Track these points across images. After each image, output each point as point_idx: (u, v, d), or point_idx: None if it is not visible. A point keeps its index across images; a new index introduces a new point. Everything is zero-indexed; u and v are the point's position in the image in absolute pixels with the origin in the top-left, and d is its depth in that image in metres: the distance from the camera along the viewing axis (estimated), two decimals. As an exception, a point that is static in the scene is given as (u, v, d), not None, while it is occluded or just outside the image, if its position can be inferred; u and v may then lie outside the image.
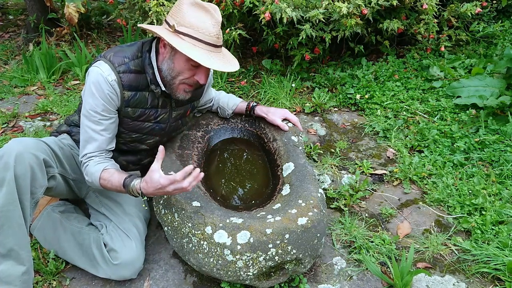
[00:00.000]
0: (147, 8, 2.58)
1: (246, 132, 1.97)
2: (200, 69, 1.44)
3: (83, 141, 1.49)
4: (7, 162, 1.28)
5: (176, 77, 1.46)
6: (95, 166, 1.46)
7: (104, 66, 1.43)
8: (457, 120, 2.36)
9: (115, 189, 1.44)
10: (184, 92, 1.50)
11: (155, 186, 1.31)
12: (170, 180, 1.28)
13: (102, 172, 1.45)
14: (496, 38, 3.09)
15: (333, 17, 2.46)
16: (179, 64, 1.42)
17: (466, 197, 1.84)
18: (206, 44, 1.37)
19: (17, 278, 1.31)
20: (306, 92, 2.88)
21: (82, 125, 1.49)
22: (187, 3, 1.38)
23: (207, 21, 1.37)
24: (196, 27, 1.36)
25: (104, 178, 1.44)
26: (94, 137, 1.47)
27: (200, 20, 1.36)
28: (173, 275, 1.56)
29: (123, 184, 1.40)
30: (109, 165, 1.48)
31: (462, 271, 1.56)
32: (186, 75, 1.45)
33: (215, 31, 1.38)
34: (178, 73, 1.45)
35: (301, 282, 1.51)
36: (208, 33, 1.37)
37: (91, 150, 1.48)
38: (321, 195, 1.53)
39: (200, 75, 1.45)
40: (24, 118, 2.63)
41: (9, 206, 1.28)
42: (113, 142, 1.54)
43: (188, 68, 1.43)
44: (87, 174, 1.47)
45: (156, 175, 1.30)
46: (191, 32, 1.36)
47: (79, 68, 3.18)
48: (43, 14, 3.74)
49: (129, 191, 1.40)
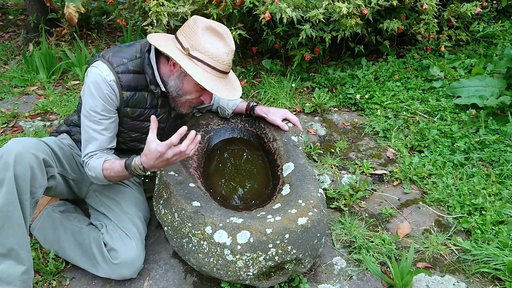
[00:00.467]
0: (147, 8, 2.58)
1: (246, 132, 1.97)
2: (207, 92, 1.46)
3: (84, 141, 1.50)
4: (6, 162, 1.28)
5: (183, 95, 1.50)
6: (96, 160, 1.48)
7: (102, 66, 1.43)
8: (457, 120, 2.36)
9: (118, 175, 1.46)
10: (188, 108, 1.58)
11: (155, 155, 1.31)
12: (167, 145, 1.28)
13: (104, 163, 1.46)
14: (496, 38, 3.09)
15: (333, 17, 2.46)
16: (188, 85, 1.46)
17: (466, 197, 1.84)
18: (218, 72, 1.40)
19: (17, 278, 1.31)
20: (306, 92, 2.88)
21: (82, 125, 1.50)
22: (202, 27, 1.38)
23: (221, 48, 1.39)
24: (211, 54, 1.37)
25: (107, 168, 1.45)
26: (95, 137, 1.48)
27: (214, 46, 1.38)
28: (173, 275, 1.56)
29: (125, 166, 1.41)
30: (109, 156, 1.50)
31: (462, 271, 1.56)
32: (193, 96, 1.50)
33: (228, 60, 1.41)
34: (186, 93, 1.49)
35: (301, 282, 1.51)
36: (222, 61, 1.39)
37: (92, 150, 1.49)
38: (321, 195, 1.53)
39: (206, 96, 1.50)
40: (24, 118, 2.63)
41: (9, 206, 1.28)
42: (114, 141, 1.56)
43: (196, 90, 1.47)
44: (90, 169, 1.48)
45: (153, 144, 1.30)
46: (205, 58, 1.37)
47: (79, 68, 3.18)
48: (43, 14, 3.74)
49: (132, 170, 1.41)
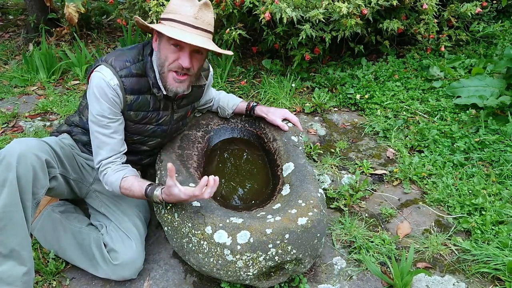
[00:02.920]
0: (147, 8, 2.58)
1: (246, 132, 1.97)
2: (182, 52, 1.42)
3: (96, 147, 1.50)
4: (9, 162, 1.28)
5: (163, 65, 1.45)
6: (114, 175, 1.48)
7: (105, 70, 1.43)
8: (457, 120, 2.36)
9: (137, 197, 1.48)
10: (174, 82, 1.47)
11: (176, 199, 1.35)
12: (190, 196, 1.31)
13: (121, 182, 1.47)
14: (496, 38, 3.09)
15: (333, 17, 2.46)
16: (163, 50, 1.44)
17: (466, 197, 1.84)
18: (183, 24, 1.40)
19: (18, 278, 1.31)
20: (306, 92, 2.88)
21: (91, 132, 1.50)
22: None
23: (186, 5, 1.41)
24: (175, 11, 1.41)
25: (125, 188, 1.46)
26: (106, 141, 1.48)
27: (179, 5, 1.42)
28: (173, 275, 1.56)
29: (145, 194, 1.43)
30: (127, 172, 1.49)
31: (462, 271, 1.56)
32: (170, 59, 1.43)
33: (193, 11, 1.40)
34: (164, 60, 1.45)
35: (301, 282, 1.51)
36: (185, 14, 1.40)
37: (105, 156, 1.49)
38: (321, 195, 1.53)
39: (183, 58, 1.42)
40: (24, 118, 2.63)
41: (11, 207, 1.28)
42: (125, 144, 1.56)
43: (170, 51, 1.42)
44: (107, 183, 1.50)
45: (175, 190, 1.32)
46: (171, 15, 1.42)
47: (79, 68, 3.18)
48: (43, 14, 3.74)
49: (152, 199, 1.43)
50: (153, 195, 1.41)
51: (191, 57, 1.43)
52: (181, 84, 1.48)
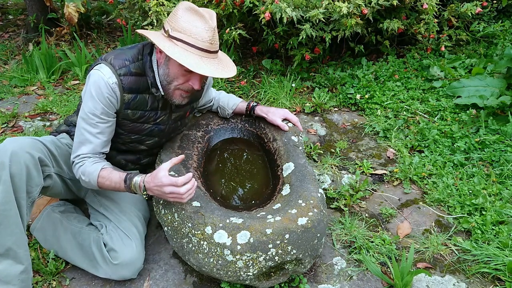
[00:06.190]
0: (147, 8, 2.58)
1: (246, 132, 1.97)
2: (193, 75, 1.43)
3: (78, 142, 1.49)
4: (2, 161, 1.28)
5: (171, 82, 1.46)
6: (93, 165, 1.46)
7: (105, 69, 1.43)
8: (458, 120, 2.36)
9: (113, 186, 1.45)
10: (180, 97, 1.51)
11: (156, 182, 1.34)
12: (171, 181, 1.31)
13: (100, 171, 1.45)
14: (497, 38, 3.08)
15: (333, 17, 2.45)
16: (173, 70, 1.43)
17: (466, 197, 1.84)
18: (199, 50, 1.37)
19: (15, 277, 1.31)
20: (306, 92, 2.88)
21: (78, 127, 1.49)
22: (182, 8, 1.38)
23: (200, 26, 1.35)
24: (189, 32, 1.35)
25: (103, 176, 1.44)
26: (90, 140, 1.47)
27: (193, 25, 1.35)
28: (173, 275, 1.56)
29: (124, 179, 1.41)
30: (106, 164, 1.49)
31: (462, 271, 1.56)
32: (180, 81, 1.45)
33: (208, 37, 1.37)
34: (173, 79, 1.45)
35: (301, 282, 1.51)
36: (201, 39, 1.36)
37: (85, 152, 1.48)
38: (321, 195, 1.53)
39: (194, 80, 1.44)
40: (23, 118, 2.63)
41: (6, 205, 1.28)
42: (108, 146, 1.54)
43: (181, 74, 1.43)
44: (84, 173, 1.46)
45: (161, 173, 1.33)
46: (184, 37, 1.35)
47: (79, 68, 3.18)
48: (43, 14, 3.74)
49: (131, 186, 1.41)
50: (132, 182, 1.40)
51: (201, 78, 1.45)
52: (186, 98, 1.53)
